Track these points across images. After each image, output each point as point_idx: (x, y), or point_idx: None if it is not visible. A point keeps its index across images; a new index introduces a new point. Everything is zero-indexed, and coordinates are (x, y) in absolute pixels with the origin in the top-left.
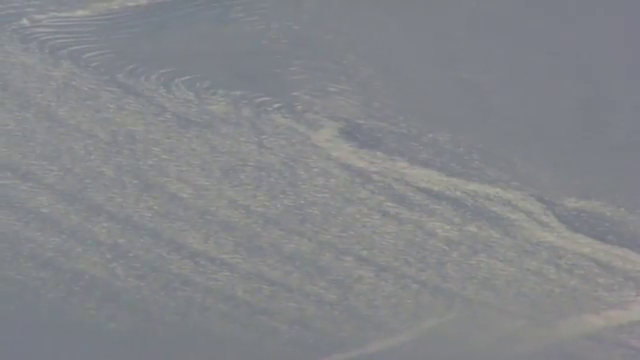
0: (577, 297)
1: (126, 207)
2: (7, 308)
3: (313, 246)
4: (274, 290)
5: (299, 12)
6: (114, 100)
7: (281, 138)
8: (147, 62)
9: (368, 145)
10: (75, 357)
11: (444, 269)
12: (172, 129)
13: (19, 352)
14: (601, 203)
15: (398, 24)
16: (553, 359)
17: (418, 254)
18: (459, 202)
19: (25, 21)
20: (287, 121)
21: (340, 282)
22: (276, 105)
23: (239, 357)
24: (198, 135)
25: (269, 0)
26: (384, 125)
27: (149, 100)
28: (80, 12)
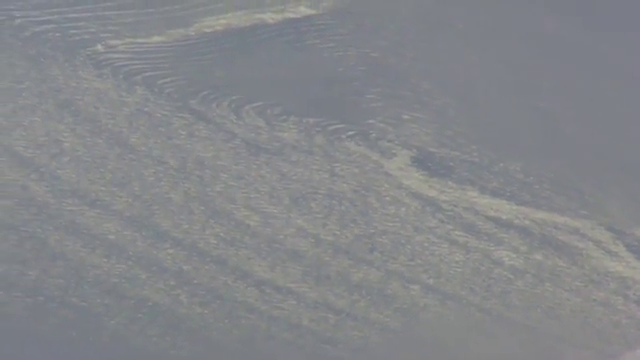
0: None
1: (192, 234)
2: (70, 334)
3: (381, 275)
4: (339, 319)
5: (376, 39)
6: (185, 127)
7: (353, 166)
8: (220, 88)
9: (439, 174)
10: None
11: (508, 298)
12: (241, 156)
13: None
14: None
15: (474, 52)
16: None
17: (483, 282)
18: (527, 231)
19: (100, 47)
20: (360, 149)
21: (405, 310)
22: (350, 133)
23: None
24: (267, 162)
25: (346, 27)
26: (456, 154)
27: (219, 126)
28: (156, 38)
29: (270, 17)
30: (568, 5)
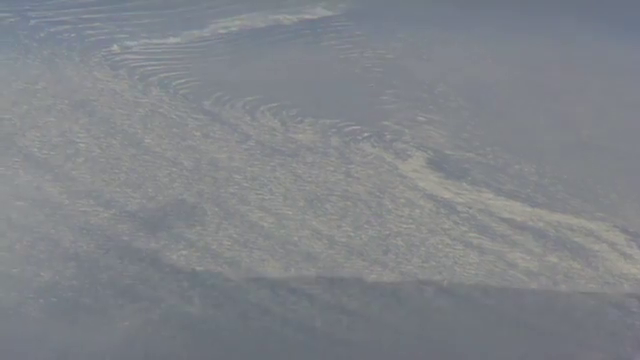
0: None
1: (205, 235)
2: (82, 337)
3: (394, 276)
4: (352, 321)
5: (393, 41)
6: (200, 128)
7: (369, 168)
8: (234, 89)
9: (454, 176)
10: None
11: (522, 300)
12: (255, 157)
13: None
14: None
15: (490, 55)
16: None
17: (497, 284)
18: (541, 232)
19: (116, 47)
20: (376, 150)
21: (419, 312)
22: (366, 134)
23: None
24: (282, 164)
25: (363, 28)
26: (472, 156)
27: (234, 128)
28: (172, 39)
29: (286, 18)
30: (585, 7)
